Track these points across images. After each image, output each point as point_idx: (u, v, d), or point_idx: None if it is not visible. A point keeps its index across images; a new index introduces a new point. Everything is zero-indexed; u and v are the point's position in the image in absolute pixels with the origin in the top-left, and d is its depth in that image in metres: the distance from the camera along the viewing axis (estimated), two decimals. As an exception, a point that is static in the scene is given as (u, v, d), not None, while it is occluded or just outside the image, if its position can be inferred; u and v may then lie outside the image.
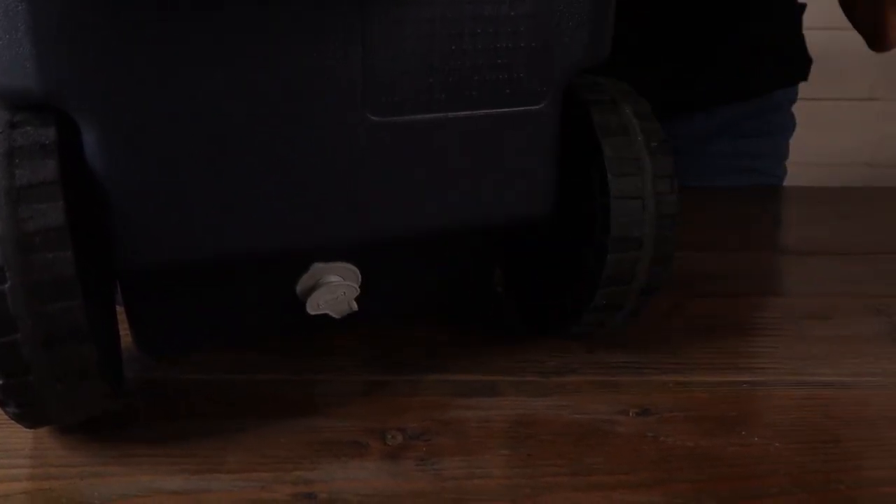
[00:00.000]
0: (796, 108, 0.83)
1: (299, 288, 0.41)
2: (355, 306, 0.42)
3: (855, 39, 0.53)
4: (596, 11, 0.38)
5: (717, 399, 0.40)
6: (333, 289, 0.41)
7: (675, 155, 0.83)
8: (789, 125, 0.83)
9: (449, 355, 0.44)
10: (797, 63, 0.80)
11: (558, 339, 0.45)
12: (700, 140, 0.78)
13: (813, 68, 0.80)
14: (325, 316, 0.42)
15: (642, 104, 0.42)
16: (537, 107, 0.38)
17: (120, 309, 0.42)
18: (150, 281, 0.38)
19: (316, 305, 0.41)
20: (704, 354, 0.44)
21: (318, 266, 0.40)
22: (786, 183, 0.85)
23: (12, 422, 0.34)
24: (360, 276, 0.42)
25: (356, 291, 0.42)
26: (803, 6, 0.78)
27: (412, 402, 0.39)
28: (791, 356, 0.44)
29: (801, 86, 0.81)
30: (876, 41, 0.51)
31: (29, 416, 0.33)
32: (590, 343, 0.45)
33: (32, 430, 0.37)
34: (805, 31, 0.79)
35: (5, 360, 0.30)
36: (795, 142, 0.86)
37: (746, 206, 0.72)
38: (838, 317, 0.49)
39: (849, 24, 0.53)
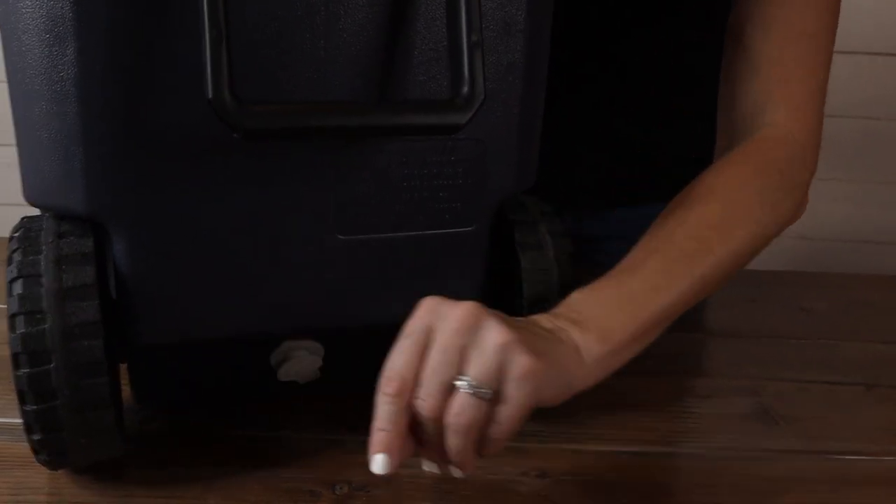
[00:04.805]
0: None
1: (273, 359, 0.51)
2: (319, 374, 0.52)
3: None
4: (521, 153, 0.49)
5: (603, 466, 0.50)
6: (301, 360, 0.51)
7: (618, 239, 0.92)
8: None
9: (393, 418, 0.53)
10: None
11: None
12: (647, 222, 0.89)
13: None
14: (293, 381, 0.51)
15: (556, 223, 0.52)
16: (471, 228, 0.48)
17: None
18: (154, 352, 0.47)
19: (286, 373, 0.51)
20: (600, 427, 0.54)
21: (289, 343, 0.50)
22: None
23: (33, 463, 0.43)
24: (323, 350, 0.51)
25: (320, 363, 0.51)
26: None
27: (359, 460, 0.48)
28: (672, 430, 0.55)
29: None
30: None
31: (54, 463, 0.42)
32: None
33: (50, 472, 0.45)
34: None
35: (45, 421, 0.39)
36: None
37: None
38: (719, 396, 0.60)
39: None
